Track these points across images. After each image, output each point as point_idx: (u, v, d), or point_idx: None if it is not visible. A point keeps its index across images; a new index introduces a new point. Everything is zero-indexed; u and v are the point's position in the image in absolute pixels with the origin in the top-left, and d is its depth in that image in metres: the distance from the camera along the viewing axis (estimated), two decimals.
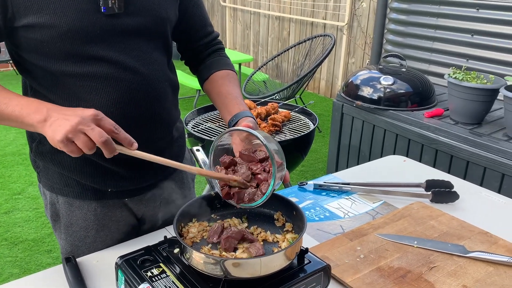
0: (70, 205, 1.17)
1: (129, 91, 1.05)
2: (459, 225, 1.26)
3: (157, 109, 1.12)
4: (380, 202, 1.40)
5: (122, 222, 1.21)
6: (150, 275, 0.91)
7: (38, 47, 0.99)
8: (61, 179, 1.15)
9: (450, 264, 1.08)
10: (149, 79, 1.08)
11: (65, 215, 1.18)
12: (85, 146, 0.87)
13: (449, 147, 2.27)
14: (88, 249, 1.19)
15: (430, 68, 3.38)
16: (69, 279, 1.00)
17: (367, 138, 2.76)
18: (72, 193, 1.16)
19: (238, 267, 0.85)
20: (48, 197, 1.19)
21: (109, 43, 1.02)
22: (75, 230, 1.18)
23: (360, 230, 1.23)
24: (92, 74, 1.02)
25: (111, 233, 1.20)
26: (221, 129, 2.22)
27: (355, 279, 1.02)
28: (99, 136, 0.86)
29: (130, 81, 1.05)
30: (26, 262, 2.52)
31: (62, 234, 1.20)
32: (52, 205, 1.19)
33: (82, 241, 1.19)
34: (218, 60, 1.29)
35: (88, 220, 1.17)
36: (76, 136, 0.86)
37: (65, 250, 1.22)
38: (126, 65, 1.04)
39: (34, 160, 1.20)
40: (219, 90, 1.22)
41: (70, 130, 0.86)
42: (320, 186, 1.49)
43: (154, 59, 1.10)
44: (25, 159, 3.80)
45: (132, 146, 0.92)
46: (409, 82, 2.70)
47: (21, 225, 2.87)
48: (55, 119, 0.89)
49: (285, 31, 6.15)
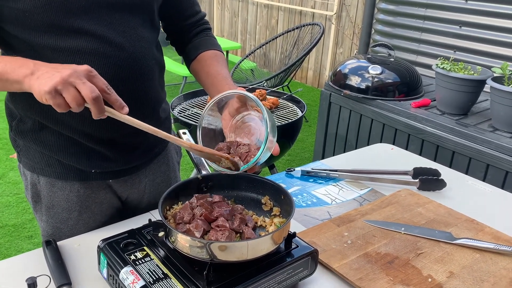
0: (52, 185, 1.13)
1: (114, 68, 1.01)
2: (446, 213, 1.25)
3: (143, 87, 1.08)
4: (368, 189, 1.40)
5: (105, 204, 1.18)
6: (134, 258, 0.89)
7: (20, 18, 0.94)
8: (42, 159, 1.11)
9: (437, 250, 1.08)
10: (135, 56, 1.04)
11: (46, 196, 1.14)
12: (73, 100, 0.80)
13: (436, 137, 2.28)
14: (70, 232, 1.15)
15: (418, 59, 3.39)
16: (49, 262, 0.97)
17: (354, 127, 2.76)
18: (54, 173, 1.12)
19: (224, 250, 0.83)
20: (29, 178, 1.15)
21: (94, 16, 0.98)
22: (57, 211, 1.15)
23: (347, 216, 1.22)
24: (75, 48, 0.97)
25: (94, 215, 1.17)
26: None
27: (342, 264, 1.01)
28: (90, 91, 0.80)
29: (116, 58, 1.01)
30: (6, 247, 2.47)
31: (43, 216, 1.16)
32: (33, 186, 1.15)
33: (64, 223, 1.16)
34: (206, 40, 1.26)
35: (71, 202, 1.14)
36: (65, 89, 0.79)
37: (46, 233, 1.18)
38: (111, 41, 1.00)
39: (14, 139, 1.15)
40: (208, 70, 1.19)
41: (60, 81, 0.79)
42: (307, 172, 1.48)
43: (141, 35, 1.06)
44: (6, 143, 3.71)
45: (123, 110, 0.86)
46: (397, 72, 2.70)
47: (1, 210, 2.81)
48: (44, 72, 0.82)
49: (274, 19, 6.11)
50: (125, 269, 0.86)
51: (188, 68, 1.27)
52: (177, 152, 1.36)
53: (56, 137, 1.08)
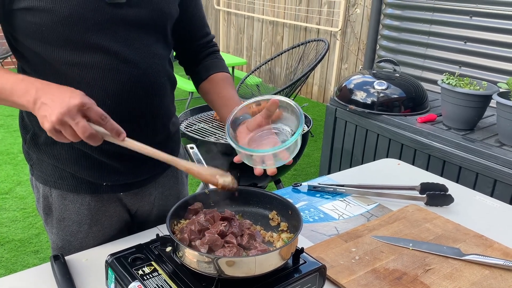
0: (63, 198, 1.14)
1: (128, 84, 1.03)
2: (454, 228, 1.25)
3: (155, 104, 1.11)
4: (375, 204, 1.39)
5: (115, 217, 1.19)
6: (142, 273, 0.89)
7: (37, 32, 0.96)
8: (55, 172, 1.12)
9: (445, 266, 1.07)
10: (148, 73, 1.06)
11: (58, 208, 1.15)
12: (71, 137, 0.86)
13: (442, 152, 2.27)
14: (80, 245, 1.16)
15: (423, 74, 3.40)
16: (57, 277, 0.97)
17: (360, 142, 2.76)
18: (66, 186, 1.13)
19: (232, 266, 0.83)
20: (41, 190, 1.16)
21: (110, 33, 1.00)
22: (68, 224, 1.16)
23: (355, 231, 1.21)
24: (90, 64, 0.99)
25: (103, 229, 1.18)
26: (214, 129, 2.20)
27: (350, 280, 1.01)
28: (82, 132, 0.84)
29: (129, 74, 1.03)
30: (12, 262, 2.46)
31: (54, 229, 1.17)
32: (45, 199, 1.16)
33: (74, 236, 1.16)
34: (216, 62, 1.30)
35: (82, 215, 1.15)
36: (63, 128, 0.84)
37: (55, 245, 1.19)
38: (125, 57, 1.02)
39: (27, 152, 1.17)
40: (220, 92, 1.23)
41: (56, 121, 0.83)
42: (314, 187, 1.48)
43: (155, 52, 1.08)
44: (13, 158, 3.74)
45: (120, 137, 0.89)
46: (402, 87, 2.70)
47: (8, 225, 2.81)
48: (44, 102, 0.85)
49: (279, 36, 6.16)
50: (133, 284, 0.86)
51: (197, 87, 1.31)
52: None
53: (69, 150, 1.09)
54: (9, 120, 4.54)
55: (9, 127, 4.40)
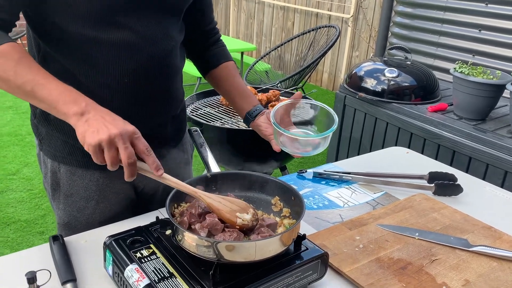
0: (72, 174, 1.14)
1: (145, 64, 1.06)
2: (462, 219, 1.21)
3: (168, 84, 1.14)
4: (381, 192, 1.36)
5: (122, 194, 1.19)
6: (140, 256, 0.87)
7: (64, 7, 0.96)
8: (64, 147, 1.12)
9: (452, 257, 1.04)
10: (165, 55, 1.09)
11: (66, 184, 1.15)
12: (111, 160, 0.85)
13: (452, 142, 2.23)
14: (86, 221, 1.17)
15: (435, 63, 3.33)
16: (55, 258, 0.96)
17: (369, 130, 2.72)
18: (75, 162, 1.13)
19: (232, 250, 0.81)
20: (49, 166, 1.16)
21: (133, 13, 1.02)
22: (75, 200, 1.16)
23: (359, 220, 1.19)
24: (113, 41, 1.01)
25: (110, 205, 1.18)
26: (219, 114, 2.17)
27: (353, 269, 0.98)
28: (128, 157, 0.84)
29: (148, 54, 1.06)
30: (17, 243, 2.48)
31: (61, 204, 1.18)
32: (53, 174, 1.16)
33: (81, 212, 1.17)
34: (224, 50, 1.34)
35: (90, 191, 1.15)
36: (108, 148, 0.84)
37: (62, 221, 1.19)
38: (146, 37, 1.04)
39: (36, 127, 1.17)
40: (233, 81, 1.30)
41: (105, 139, 0.83)
42: (319, 174, 1.45)
43: (171, 35, 1.11)
44: (21, 140, 3.75)
45: (158, 172, 0.89)
46: (413, 75, 2.65)
47: (14, 205, 2.83)
48: (93, 118, 0.87)
49: (290, 22, 6.08)
50: (130, 267, 0.84)
51: (205, 73, 1.35)
52: (191, 145, 1.37)
53: None
54: (18, 102, 4.55)
55: (18, 109, 4.41)
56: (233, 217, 0.89)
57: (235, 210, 0.90)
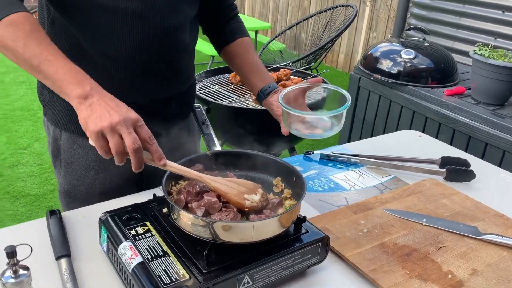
0: (72, 142, 1.13)
1: (154, 36, 1.04)
2: (473, 206, 1.17)
3: (175, 59, 1.12)
4: (390, 176, 1.32)
5: (123, 166, 1.16)
6: (134, 233, 0.85)
7: None
8: (66, 114, 1.11)
9: (460, 245, 1.00)
10: (175, 28, 1.07)
11: (66, 152, 1.15)
12: (115, 147, 0.81)
13: (468, 127, 2.16)
14: (86, 190, 1.16)
15: (454, 45, 3.22)
16: (51, 233, 0.94)
17: (383, 113, 2.65)
18: (76, 129, 1.11)
19: (228, 230, 0.78)
20: (52, 132, 1.16)
21: None
22: (75, 168, 1.15)
23: (365, 203, 1.15)
24: (120, 9, 0.99)
25: (111, 176, 1.17)
26: (228, 93, 2.13)
27: (356, 253, 0.95)
28: (132, 142, 0.80)
29: (157, 26, 1.03)
30: (26, 216, 2.50)
31: (62, 172, 1.17)
32: (55, 140, 1.16)
33: (81, 181, 1.16)
34: (241, 26, 1.31)
35: (90, 160, 1.14)
36: (110, 135, 0.81)
37: (62, 189, 1.19)
38: (157, 8, 1.02)
39: (41, 92, 1.16)
40: (248, 57, 1.26)
41: (107, 126, 0.80)
42: (327, 156, 1.41)
43: (183, 9, 1.09)
44: (33, 115, 3.77)
45: (161, 162, 0.85)
46: (431, 57, 2.57)
47: (24, 179, 2.85)
48: (96, 103, 0.83)
49: (306, 0, 5.95)
50: (124, 244, 0.82)
51: (219, 49, 1.31)
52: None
53: None
54: (31, 77, 4.55)
55: (31, 84, 4.43)
56: (241, 200, 0.86)
57: (242, 192, 0.87)
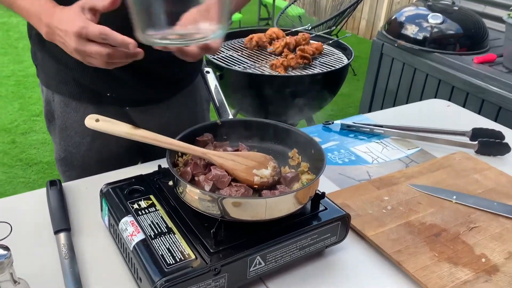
0: (66, 105, 1.07)
1: None
2: (509, 182, 1.07)
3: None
4: (416, 149, 1.22)
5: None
6: (137, 207, 0.78)
7: None
8: (57, 75, 1.04)
9: (494, 225, 0.91)
10: None
11: (60, 116, 1.09)
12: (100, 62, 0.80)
13: (498, 97, 2.03)
14: (82, 158, 1.11)
15: (486, 10, 3.03)
16: (50, 205, 0.88)
17: (406, 82, 2.52)
18: (68, 92, 1.05)
19: (238, 207, 0.70)
20: (45, 94, 1.10)
21: None
22: (70, 134, 1.09)
23: (389, 178, 1.06)
24: None
25: (108, 144, 1.10)
26: (242, 58, 2.02)
27: (379, 233, 0.87)
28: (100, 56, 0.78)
29: None
30: (38, 184, 2.49)
31: (57, 138, 1.12)
32: (48, 103, 1.10)
33: (76, 148, 1.10)
34: None
35: (84, 125, 1.06)
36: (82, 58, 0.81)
37: (58, 156, 1.14)
38: None
39: (34, 53, 1.09)
40: None
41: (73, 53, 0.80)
42: (348, 126, 1.31)
43: None
44: None
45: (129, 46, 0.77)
46: (460, 22, 2.41)
47: (37, 147, 2.83)
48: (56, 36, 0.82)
49: None
50: (125, 219, 0.76)
51: None
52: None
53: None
54: None
55: None
56: (250, 176, 0.78)
57: (251, 167, 0.78)
